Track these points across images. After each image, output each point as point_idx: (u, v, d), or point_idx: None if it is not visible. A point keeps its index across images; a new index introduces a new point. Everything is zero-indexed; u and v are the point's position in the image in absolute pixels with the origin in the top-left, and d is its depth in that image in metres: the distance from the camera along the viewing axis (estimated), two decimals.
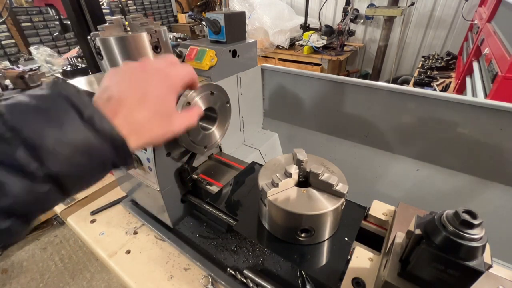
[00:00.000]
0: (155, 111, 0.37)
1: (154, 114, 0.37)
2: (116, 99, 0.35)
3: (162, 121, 0.39)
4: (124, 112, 0.34)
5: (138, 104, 0.36)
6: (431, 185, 0.97)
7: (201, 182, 0.72)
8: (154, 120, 0.37)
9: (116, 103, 0.35)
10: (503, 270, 0.43)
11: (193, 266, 0.67)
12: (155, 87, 0.38)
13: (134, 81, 0.37)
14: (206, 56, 0.74)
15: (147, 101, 0.37)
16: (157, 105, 0.38)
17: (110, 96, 0.35)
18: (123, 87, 0.36)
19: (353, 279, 0.46)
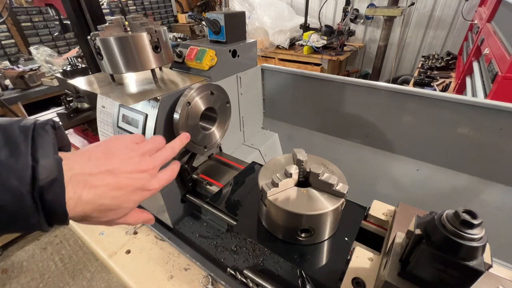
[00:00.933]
0: (117, 207, 0.36)
1: (114, 210, 0.35)
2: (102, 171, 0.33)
3: (112, 216, 0.37)
4: (100, 188, 0.33)
5: (118, 189, 0.34)
6: (431, 185, 0.97)
7: (201, 182, 0.72)
8: (108, 213, 0.35)
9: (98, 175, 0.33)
10: (503, 270, 0.43)
11: (193, 266, 0.67)
12: (137, 189, 0.37)
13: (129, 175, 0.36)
14: (206, 56, 0.74)
15: (121, 196, 0.35)
16: (123, 205, 0.36)
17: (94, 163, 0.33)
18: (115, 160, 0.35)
19: (353, 279, 0.46)
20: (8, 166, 0.26)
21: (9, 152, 0.27)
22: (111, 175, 0.34)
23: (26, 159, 0.27)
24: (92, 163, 0.33)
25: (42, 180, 0.27)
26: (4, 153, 0.26)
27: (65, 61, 2.29)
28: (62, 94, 1.41)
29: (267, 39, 3.45)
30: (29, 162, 0.27)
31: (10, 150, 0.27)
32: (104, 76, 0.70)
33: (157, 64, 0.62)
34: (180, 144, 0.49)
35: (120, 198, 0.35)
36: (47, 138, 0.29)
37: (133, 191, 0.37)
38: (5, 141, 0.27)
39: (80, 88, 1.22)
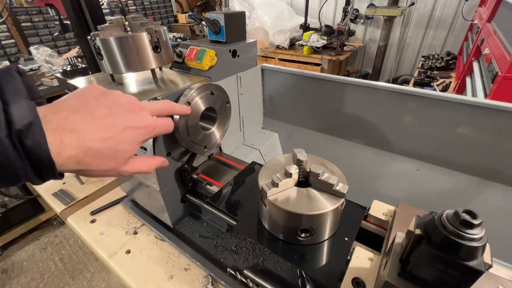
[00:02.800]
0: (116, 144, 0.34)
1: (112, 148, 0.33)
2: (79, 115, 0.31)
3: (114, 159, 0.35)
4: (81, 132, 0.30)
5: (103, 130, 0.32)
6: (431, 185, 0.97)
7: (201, 182, 0.72)
8: (107, 154, 0.33)
9: (76, 119, 0.31)
10: (503, 270, 0.43)
11: (193, 266, 0.67)
12: (131, 120, 0.35)
13: (110, 106, 0.34)
14: (206, 56, 0.74)
15: (114, 130, 0.33)
16: (122, 139, 0.34)
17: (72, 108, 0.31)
18: (94, 105, 0.33)
19: (353, 279, 0.46)
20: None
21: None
22: (91, 116, 0.32)
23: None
24: (66, 109, 0.31)
25: (18, 123, 0.26)
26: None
27: (65, 61, 2.29)
28: (62, 94, 1.41)
29: (267, 39, 3.45)
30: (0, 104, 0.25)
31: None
32: (104, 76, 0.70)
33: (157, 64, 0.62)
34: (180, 109, 0.47)
35: (110, 139, 0.33)
36: (15, 82, 0.28)
37: (123, 130, 0.34)
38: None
39: None
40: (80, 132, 0.30)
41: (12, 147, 0.25)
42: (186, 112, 0.51)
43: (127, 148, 0.35)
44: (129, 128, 0.35)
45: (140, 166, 0.40)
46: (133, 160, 0.38)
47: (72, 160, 0.30)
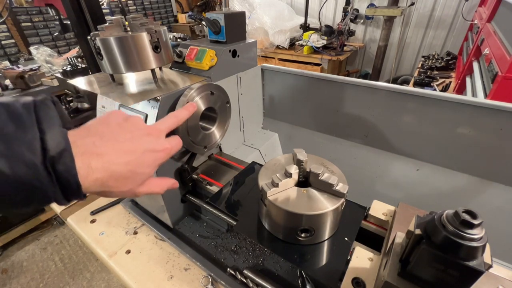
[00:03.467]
0: (137, 167, 0.36)
1: (133, 171, 0.35)
2: (105, 140, 0.33)
3: (133, 181, 0.37)
4: (106, 157, 0.32)
5: (125, 154, 0.34)
6: (431, 185, 0.97)
7: (201, 182, 0.72)
8: (128, 178, 0.35)
9: (102, 144, 0.33)
10: (503, 270, 0.43)
11: (193, 266, 0.67)
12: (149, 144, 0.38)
13: (131, 131, 0.36)
14: (206, 56, 0.74)
15: (135, 154, 0.35)
16: (142, 163, 0.36)
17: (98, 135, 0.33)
18: (117, 131, 0.35)
19: (353, 279, 0.46)
20: (17, 139, 0.26)
21: (16, 126, 0.27)
22: (115, 141, 0.34)
23: (33, 131, 0.27)
24: (93, 134, 0.34)
25: (52, 150, 0.28)
26: (12, 127, 0.27)
27: (65, 61, 2.29)
28: (62, 94, 1.41)
29: (267, 39, 3.45)
30: (37, 134, 0.27)
31: (17, 124, 0.27)
32: (104, 76, 0.70)
33: (157, 64, 0.62)
34: (186, 113, 0.48)
35: (132, 162, 0.35)
36: (50, 111, 0.30)
37: (143, 153, 0.36)
38: (10, 116, 0.27)
39: (80, 88, 1.22)
40: (105, 156, 0.32)
41: (46, 172, 0.27)
42: (192, 110, 0.51)
43: (145, 170, 0.38)
44: (148, 151, 0.37)
45: (154, 187, 0.41)
46: (148, 181, 0.40)
47: (98, 182, 0.32)
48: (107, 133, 0.34)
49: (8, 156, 0.25)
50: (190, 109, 0.50)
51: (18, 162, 0.26)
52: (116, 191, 0.35)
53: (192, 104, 0.52)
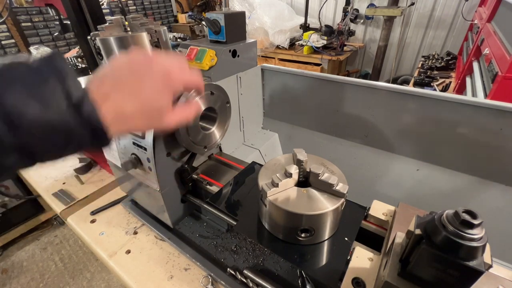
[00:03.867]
0: (145, 105, 0.37)
1: (144, 109, 0.37)
2: (109, 86, 0.35)
3: (151, 116, 0.39)
4: (114, 99, 0.34)
5: (130, 95, 0.36)
6: (431, 185, 0.97)
7: (201, 182, 0.72)
8: (142, 114, 0.37)
9: (109, 88, 0.35)
10: (503, 270, 0.43)
11: (193, 266, 0.67)
12: (152, 83, 0.38)
13: (133, 72, 0.37)
14: (206, 56, 0.74)
15: (140, 94, 0.36)
16: (149, 100, 0.37)
17: (104, 81, 0.35)
18: (121, 74, 0.37)
19: (353, 279, 0.46)
20: (43, 87, 0.29)
21: (39, 76, 0.29)
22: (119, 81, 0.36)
23: (54, 80, 0.30)
24: (101, 79, 0.36)
25: (74, 96, 0.30)
26: (35, 78, 0.29)
27: None
28: None
29: (267, 39, 3.45)
30: (57, 82, 0.30)
31: (39, 75, 0.29)
32: None
33: None
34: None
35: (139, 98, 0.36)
36: (63, 61, 0.32)
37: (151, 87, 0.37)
38: (31, 69, 0.30)
39: None
40: (116, 97, 0.35)
41: (73, 115, 0.30)
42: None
43: (159, 103, 0.39)
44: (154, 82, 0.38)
45: (179, 115, 0.43)
46: (169, 116, 0.41)
47: (117, 123, 0.35)
48: (113, 77, 0.36)
49: (39, 102, 0.28)
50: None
51: (49, 106, 0.29)
52: (142, 128, 0.39)
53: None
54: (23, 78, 0.29)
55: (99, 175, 1.04)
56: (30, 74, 0.29)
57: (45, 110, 0.28)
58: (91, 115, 0.31)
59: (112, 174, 1.02)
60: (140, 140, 0.61)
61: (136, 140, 0.62)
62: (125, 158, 0.66)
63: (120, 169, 0.74)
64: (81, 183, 0.99)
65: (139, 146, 0.62)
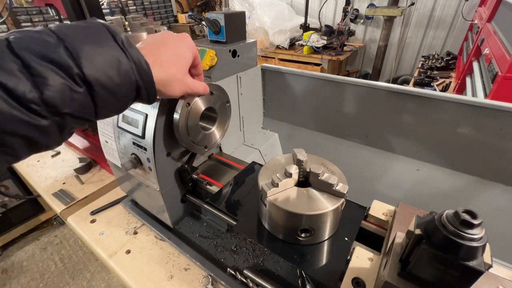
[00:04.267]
0: (175, 54, 0.45)
1: (175, 57, 0.45)
2: (144, 41, 0.44)
3: (180, 66, 0.46)
4: (150, 47, 0.42)
5: (162, 45, 0.44)
6: (431, 185, 0.97)
7: (201, 182, 0.72)
8: (174, 61, 0.44)
9: (144, 42, 0.44)
10: (503, 270, 0.43)
11: (193, 266, 0.67)
12: (177, 40, 0.46)
13: (160, 35, 0.46)
14: (206, 56, 0.74)
15: (169, 45, 0.45)
16: (177, 51, 0.45)
17: (140, 40, 0.44)
18: (149, 38, 0.45)
19: (353, 279, 0.46)
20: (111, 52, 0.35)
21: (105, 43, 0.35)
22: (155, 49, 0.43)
23: (100, 27, 0.36)
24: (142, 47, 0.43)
25: (118, 36, 0.36)
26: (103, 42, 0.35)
27: None
28: None
29: (267, 39, 3.45)
30: (107, 31, 0.36)
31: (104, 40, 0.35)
32: None
33: None
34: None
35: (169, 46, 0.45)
36: (120, 34, 0.38)
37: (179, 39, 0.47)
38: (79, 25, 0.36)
39: None
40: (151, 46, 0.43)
41: (121, 50, 0.36)
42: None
43: (184, 54, 0.47)
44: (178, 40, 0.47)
45: (196, 84, 0.52)
46: (191, 78, 0.50)
47: (157, 66, 0.41)
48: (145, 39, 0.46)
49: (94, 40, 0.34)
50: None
51: (107, 47, 0.35)
52: (173, 77, 0.45)
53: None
54: (76, 26, 0.35)
55: (99, 175, 1.04)
56: (81, 23, 0.36)
57: (98, 45, 0.34)
58: (134, 53, 0.37)
59: (112, 174, 1.03)
60: (140, 140, 0.61)
61: (136, 140, 0.62)
62: (125, 158, 0.66)
63: (120, 169, 0.74)
64: (81, 183, 0.99)
65: (139, 146, 0.62)
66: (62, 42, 0.31)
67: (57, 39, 0.31)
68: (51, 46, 0.30)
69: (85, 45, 0.32)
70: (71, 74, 0.31)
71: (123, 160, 0.67)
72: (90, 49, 0.33)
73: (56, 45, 0.31)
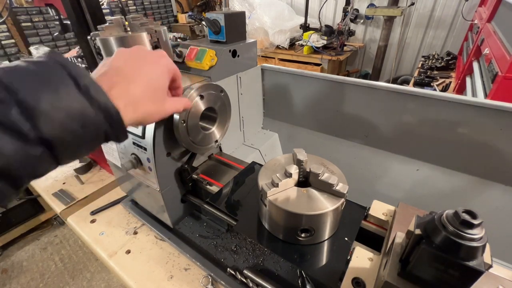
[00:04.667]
0: (149, 87, 0.39)
1: (148, 90, 0.39)
2: (113, 73, 0.37)
3: (156, 98, 0.41)
4: (119, 85, 0.36)
5: (134, 79, 0.38)
6: (431, 185, 0.97)
7: (201, 182, 0.72)
8: (148, 95, 0.39)
9: (113, 76, 0.36)
10: (503, 270, 0.43)
11: (193, 266, 0.67)
12: (150, 66, 0.40)
13: (131, 59, 0.40)
14: (206, 56, 0.74)
15: (142, 77, 0.39)
16: (151, 82, 0.40)
17: (107, 70, 0.37)
18: (120, 64, 0.38)
19: (353, 279, 0.46)
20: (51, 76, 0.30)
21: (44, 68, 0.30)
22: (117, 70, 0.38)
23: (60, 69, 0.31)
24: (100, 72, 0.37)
25: (81, 81, 0.31)
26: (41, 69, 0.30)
27: None
28: None
29: (267, 39, 3.45)
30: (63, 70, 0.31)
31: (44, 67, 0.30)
32: None
33: None
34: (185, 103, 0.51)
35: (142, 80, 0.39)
36: (63, 56, 0.33)
37: (146, 66, 0.40)
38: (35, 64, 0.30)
39: None
40: (117, 84, 0.36)
41: (85, 99, 0.31)
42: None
43: (159, 82, 0.42)
44: (149, 63, 0.41)
45: (176, 104, 0.47)
46: (169, 101, 0.45)
47: (130, 109, 0.36)
48: (106, 67, 0.38)
49: (51, 89, 0.29)
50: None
51: (60, 93, 0.29)
52: (149, 112, 0.40)
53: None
54: (31, 72, 0.29)
55: (99, 175, 1.04)
56: (36, 67, 0.30)
57: (57, 97, 0.29)
58: (101, 98, 0.32)
59: (112, 174, 1.02)
60: (140, 140, 0.61)
61: (136, 140, 0.62)
62: (125, 158, 0.66)
63: (120, 169, 0.74)
64: (81, 183, 0.99)
65: (139, 146, 0.62)
66: (15, 96, 0.27)
67: (7, 95, 0.27)
68: (1, 105, 0.26)
69: (42, 99, 0.28)
70: (26, 136, 0.27)
71: (123, 160, 0.67)
72: (47, 104, 0.28)
73: (7, 103, 0.26)
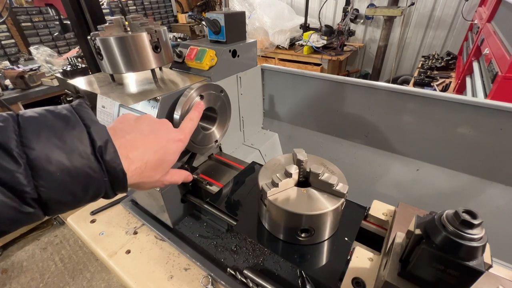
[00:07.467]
0: (162, 159, 0.41)
1: (159, 161, 0.40)
2: (137, 137, 0.38)
3: (162, 169, 0.42)
4: (139, 150, 0.37)
5: (153, 148, 0.39)
6: (431, 185, 0.97)
7: (201, 182, 0.72)
8: (156, 165, 0.40)
9: (136, 140, 0.37)
10: (503, 270, 0.43)
11: (193, 266, 0.67)
12: (172, 143, 0.43)
13: (158, 131, 0.41)
14: (206, 56, 0.74)
15: (160, 149, 0.40)
16: (165, 157, 0.41)
17: (132, 132, 0.38)
18: (146, 131, 0.40)
19: (353, 279, 0.46)
20: (69, 134, 0.29)
21: (65, 123, 0.30)
22: (139, 134, 0.39)
23: (80, 126, 0.31)
24: (119, 131, 0.37)
25: (99, 141, 0.31)
26: (61, 124, 0.30)
27: (65, 61, 2.29)
28: (62, 94, 1.41)
29: (267, 39, 3.45)
30: (83, 128, 0.31)
31: (65, 122, 0.30)
32: (104, 76, 0.70)
33: (157, 64, 0.62)
34: (198, 114, 0.53)
35: (159, 151, 0.40)
36: (88, 111, 0.33)
37: (167, 142, 0.42)
38: (57, 116, 0.30)
39: (80, 88, 1.22)
40: (138, 148, 0.37)
41: (96, 161, 0.30)
42: (201, 108, 0.57)
43: (171, 157, 0.43)
44: (171, 140, 0.43)
45: (175, 176, 0.47)
46: (170, 173, 0.45)
47: (137, 172, 0.37)
48: (131, 130, 0.39)
49: (65, 149, 0.28)
50: (200, 109, 0.55)
51: (73, 153, 0.29)
52: (149, 181, 0.40)
53: (200, 102, 0.56)
54: (50, 125, 0.29)
55: None
56: (57, 121, 0.30)
57: (69, 158, 0.28)
58: (113, 162, 0.32)
59: None
60: None
61: None
62: None
63: None
64: None
65: None
66: (25, 158, 0.26)
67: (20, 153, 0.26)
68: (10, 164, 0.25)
69: (53, 160, 0.27)
70: (24, 197, 0.26)
71: None
72: (57, 166, 0.27)
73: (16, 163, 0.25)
